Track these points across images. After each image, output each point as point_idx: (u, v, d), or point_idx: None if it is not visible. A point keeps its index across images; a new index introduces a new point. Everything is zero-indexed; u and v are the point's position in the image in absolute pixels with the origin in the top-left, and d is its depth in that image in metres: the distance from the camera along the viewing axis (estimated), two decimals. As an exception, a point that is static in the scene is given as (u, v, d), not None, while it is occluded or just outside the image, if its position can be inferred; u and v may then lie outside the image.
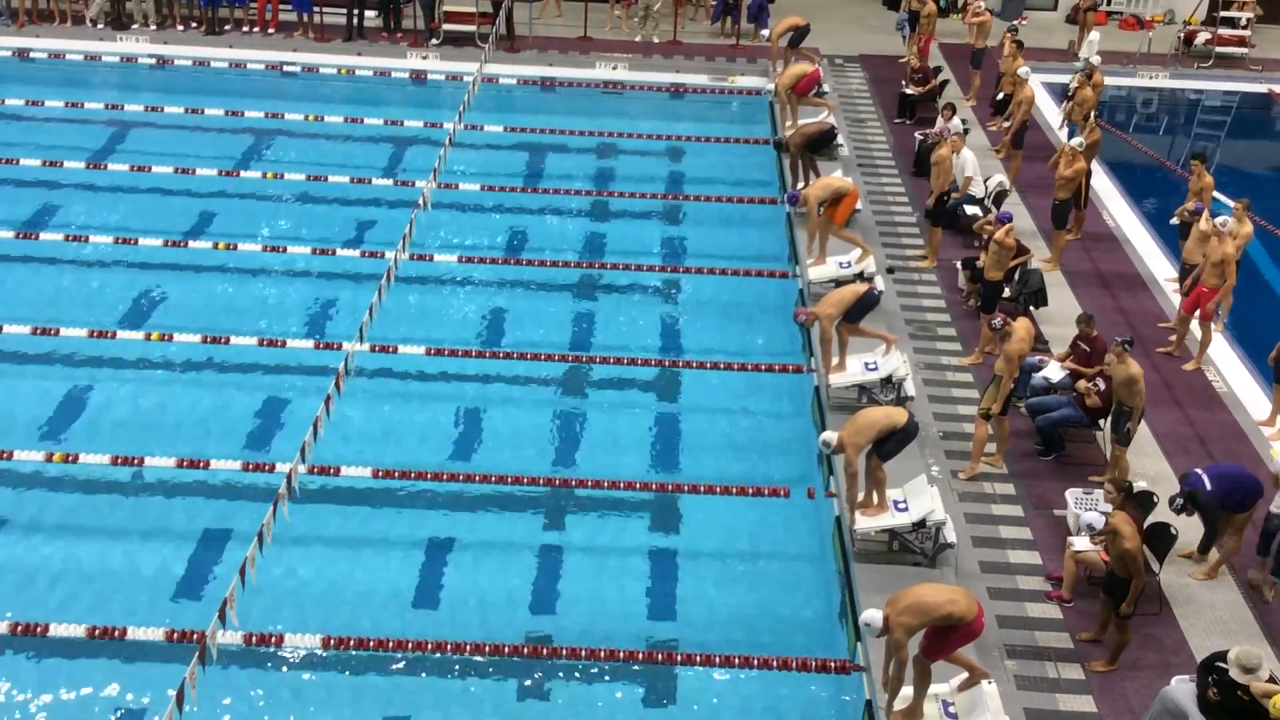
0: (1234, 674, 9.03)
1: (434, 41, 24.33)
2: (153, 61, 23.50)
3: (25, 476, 12.90)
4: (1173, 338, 15.35)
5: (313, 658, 10.78)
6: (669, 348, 15.74)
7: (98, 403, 14.25)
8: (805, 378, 14.47)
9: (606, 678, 10.82)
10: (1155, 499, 11.83)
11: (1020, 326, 12.79)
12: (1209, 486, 11.40)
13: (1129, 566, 10.33)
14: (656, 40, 25.28)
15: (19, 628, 10.66)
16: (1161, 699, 9.64)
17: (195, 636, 10.18)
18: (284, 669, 10.78)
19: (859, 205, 17.31)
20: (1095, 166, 18.59)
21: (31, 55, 23.46)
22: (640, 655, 10.80)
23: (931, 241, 17.11)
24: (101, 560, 11.96)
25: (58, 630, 10.66)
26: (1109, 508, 11.34)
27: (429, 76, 23.43)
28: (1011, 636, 10.93)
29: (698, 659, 10.68)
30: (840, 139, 19.65)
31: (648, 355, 15.35)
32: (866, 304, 13.76)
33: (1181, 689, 9.51)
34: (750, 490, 12.60)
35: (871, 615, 9.50)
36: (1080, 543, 11.43)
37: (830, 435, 11.59)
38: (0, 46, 23.55)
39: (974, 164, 17.86)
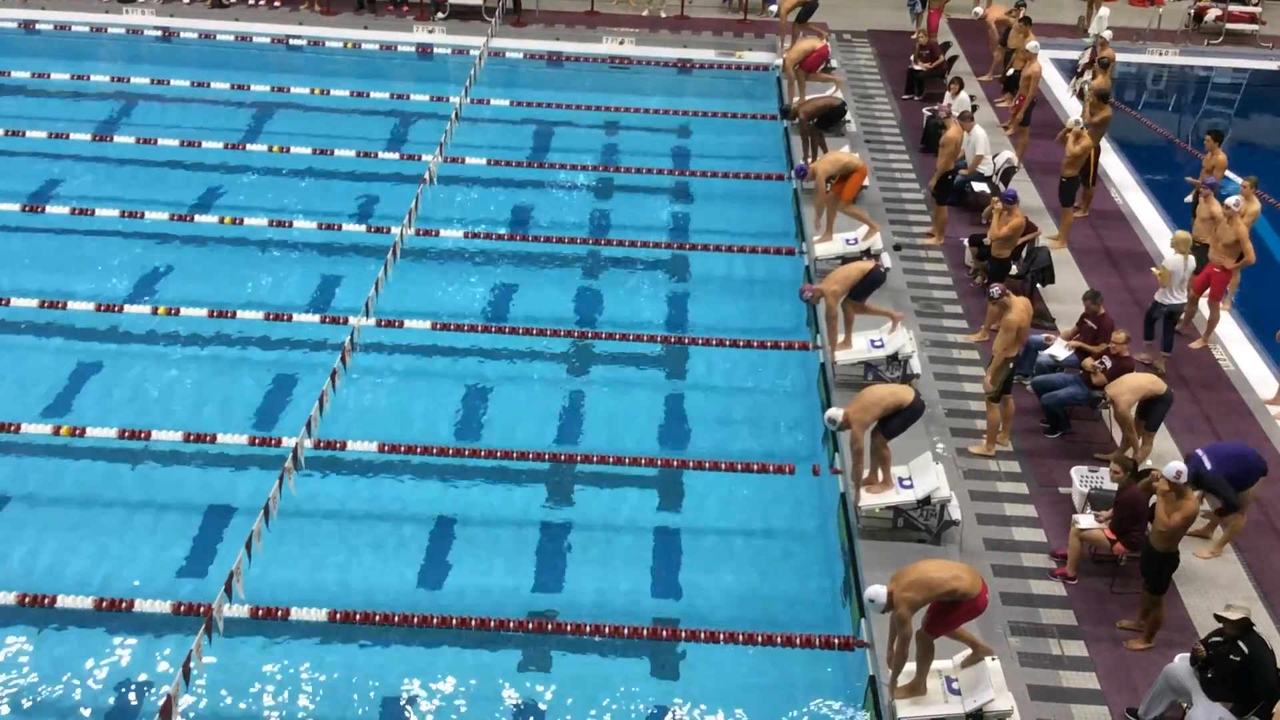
0: (1226, 613, 9.36)
1: (440, 15, 24.21)
2: (158, 34, 23.43)
3: (33, 449, 12.94)
4: (1181, 316, 15.29)
5: (318, 631, 10.81)
6: (675, 324, 15.72)
7: (104, 376, 14.27)
8: (811, 354, 14.45)
9: (610, 654, 10.85)
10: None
11: (1018, 300, 12.79)
12: (1209, 466, 11.39)
13: (1180, 529, 10.38)
14: (664, 15, 25.15)
15: (27, 599, 10.71)
16: (1165, 676, 9.67)
17: (202, 609, 10.22)
18: (289, 642, 10.82)
19: (866, 182, 17.27)
20: (1104, 144, 18.50)
21: (37, 27, 23.39)
22: (644, 631, 10.83)
23: (938, 219, 17.05)
24: (108, 533, 12.01)
25: (65, 602, 10.70)
26: (1115, 486, 11.38)
27: (435, 50, 23.34)
28: (1015, 613, 10.95)
29: (702, 635, 10.70)
30: (848, 115, 19.57)
31: (654, 331, 15.34)
32: (873, 281, 13.72)
33: (1184, 667, 9.54)
34: (755, 467, 12.61)
35: (876, 591, 9.51)
36: (1085, 520, 11.45)
37: (836, 412, 11.59)
38: (6, 19, 23.49)
39: (985, 142, 17.79)
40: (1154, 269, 14.83)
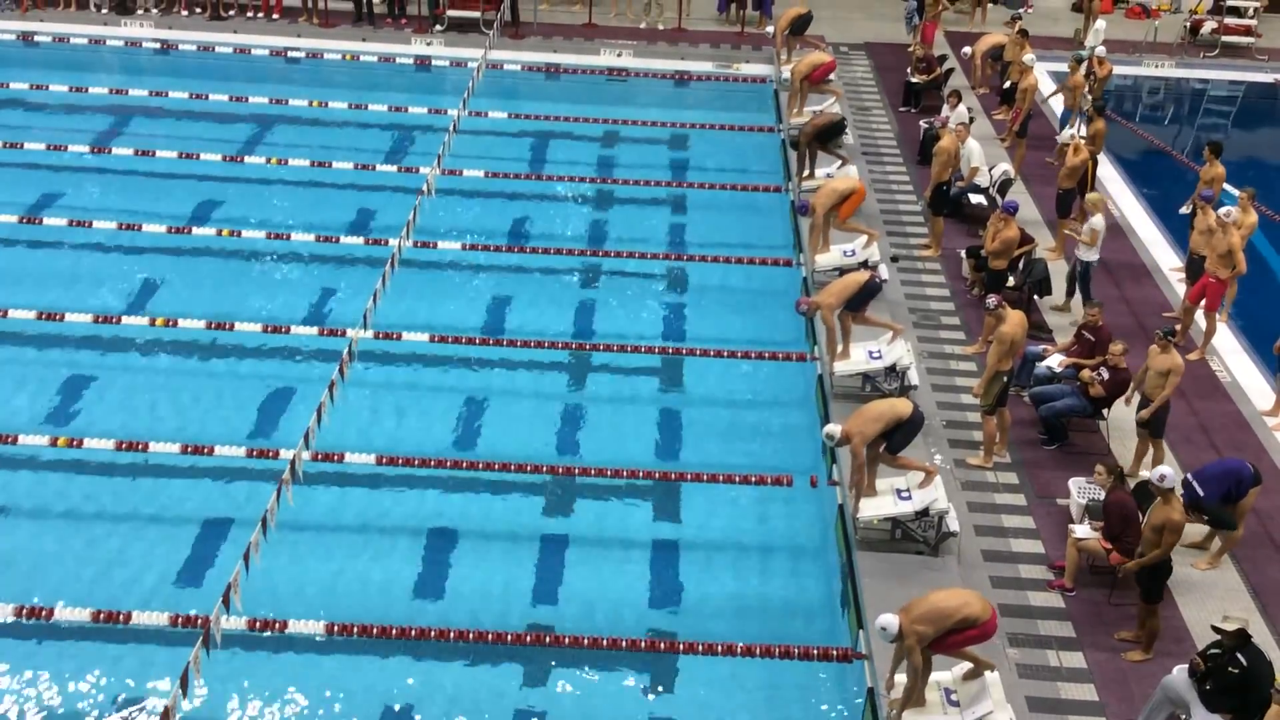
0: (1223, 624, 9.40)
1: (438, 27, 24.30)
2: (157, 46, 23.49)
3: (30, 461, 12.92)
4: (1177, 327, 15.31)
5: (315, 644, 10.80)
6: (673, 335, 15.74)
7: (102, 387, 14.27)
8: (809, 366, 14.46)
9: (608, 666, 10.83)
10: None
11: (1013, 312, 12.82)
12: (1202, 493, 11.40)
13: (1166, 539, 10.36)
14: (661, 27, 25.22)
15: (24, 612, 10.69)
16: (1163, 688, 9.66)
17: (199, 621, 10.22)
18: (287, 655, 10.80)
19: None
20: (1101, 156, 18.55)
21: (36, 39, 23.45)
22: (642, 644, 10.81)
23: (934, 230, 17.09)
24: (105, 545, 12.00)
25: (62, 614, 10.70)
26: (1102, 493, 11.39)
27: (433, 63, 23.41)
28: (1014, 625, 10.94)
29: (700, 647, 10.69)
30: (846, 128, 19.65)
31: (651, 343, 15.34)
32: (869, 293, 13.74)
33: (1182, 678, 9.53)
34: (753, 478, 12.60)
35: (888, 620, 9.34)
36: (1082, 531, 11.45)
37: (834, 428, 11.56)
38: (4, 30, 23.57)
39: (980, 154, 17.83)
40: (1081, 234, 15.22)
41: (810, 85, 19.68)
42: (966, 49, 22.89)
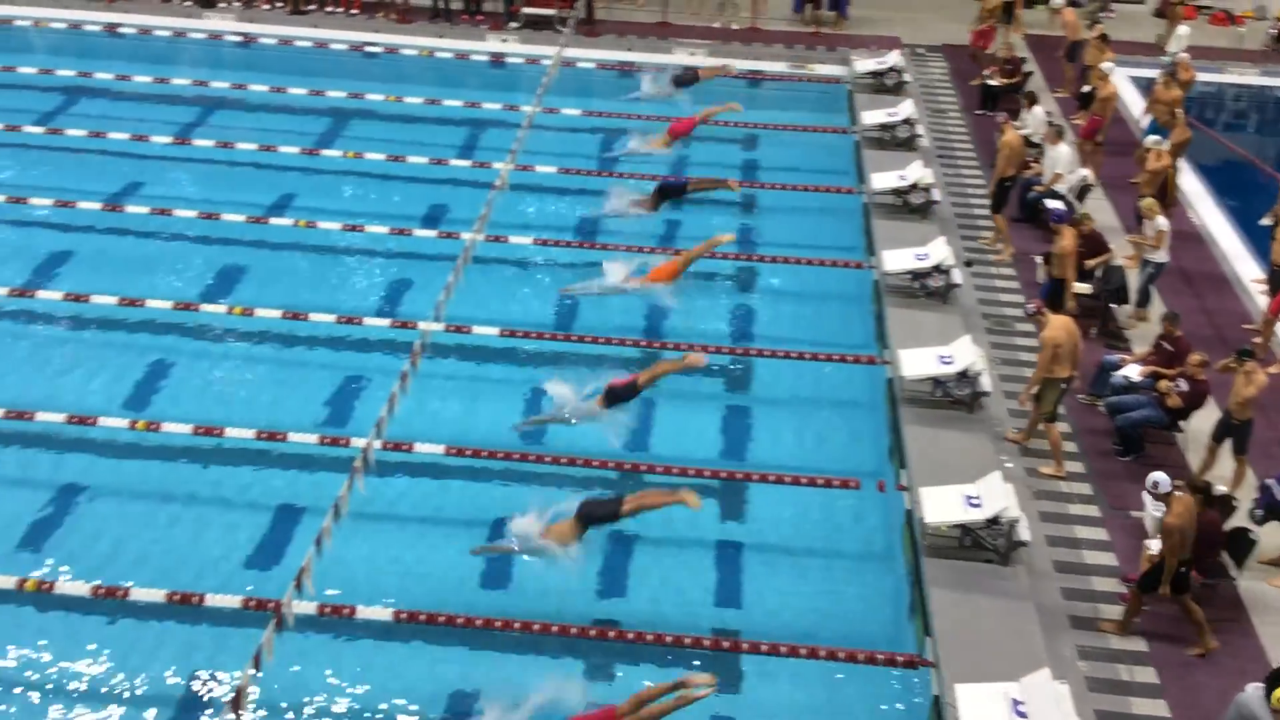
0: None
1: (514, 25, 24.43)
2: (238, 39, 23.85)
3: (108, 444, 13.19)
4: (1257, 339, 15.02)
5: (384, 629, 10.92)
6: (742, 335, 15.69)
7: (180, 373, 14.53)
8: (878, 369, 14.36)
9: (671, 663, 10.82)
10: (1235, 503, 11.63)
11: (1055, 318, 12.67)
12: None
13: (1164, 541, 10.35)
14: (735, 27, 25.16)
15: (100, 590, 10.92)
16: (1236, 705, 9.50)
17: (271, 605, 10.37)
18: (355, 640, 10.95)
19: (937, 197, 17.21)
20: (1182, 164, 18.24)
21: (121, 31, 23.91)
22: (705, 642, 10.81)
23: (1000, 229, 16.86)
24: (181, 527, 12.23)
25: (138, 594, 10.91)
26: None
27: (508, 59, 23.53)
28: (1085, 638, 10.81)
29: (763, 648, 10.67)
30: (920, 129, 19.50)
31: (720, 342, 15.31)
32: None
33: (1256, 696, 9.36)
34: (820, 481, 12.54)
35: None
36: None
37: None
38: (91, 21, 24.03)
39: (1067, 160, 17.52)
40: (1144, 239, 15.38)
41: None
42: None
